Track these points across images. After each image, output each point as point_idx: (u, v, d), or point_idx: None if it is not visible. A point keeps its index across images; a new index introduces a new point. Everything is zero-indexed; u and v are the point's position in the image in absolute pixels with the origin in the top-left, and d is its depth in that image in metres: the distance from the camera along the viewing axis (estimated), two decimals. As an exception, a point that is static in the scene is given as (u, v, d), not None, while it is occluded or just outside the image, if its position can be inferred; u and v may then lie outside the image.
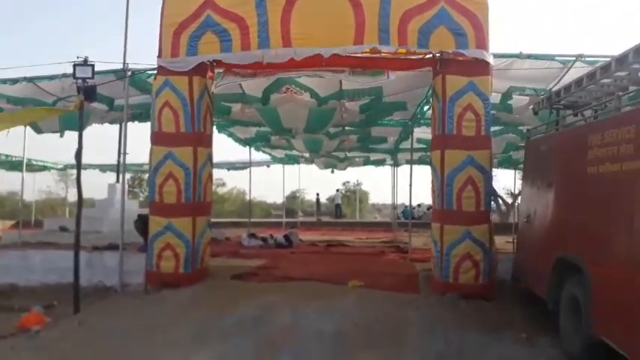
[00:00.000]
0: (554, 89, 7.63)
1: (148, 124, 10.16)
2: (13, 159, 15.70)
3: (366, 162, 19.10)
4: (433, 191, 7.42)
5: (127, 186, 9.58)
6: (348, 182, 36.40)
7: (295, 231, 14.61)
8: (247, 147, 15.41)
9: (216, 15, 7.20)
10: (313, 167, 20.41)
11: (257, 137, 13.66)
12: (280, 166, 19.66)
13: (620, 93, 5.03)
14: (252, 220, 16.96)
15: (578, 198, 5.13)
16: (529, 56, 7.58)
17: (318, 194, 29.47)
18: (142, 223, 8.72)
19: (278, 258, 10.51)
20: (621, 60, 5.02)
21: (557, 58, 7.56)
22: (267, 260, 10.04)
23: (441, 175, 6.99)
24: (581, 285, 4.74)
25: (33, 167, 18.01)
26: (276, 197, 33.80)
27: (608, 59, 5.47)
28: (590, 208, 4.84)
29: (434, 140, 7.49)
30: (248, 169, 17.33)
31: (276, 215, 28.62)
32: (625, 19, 62.92)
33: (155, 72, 7.62)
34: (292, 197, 29.58)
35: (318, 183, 40.78)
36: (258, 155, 17.42)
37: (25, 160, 12.12)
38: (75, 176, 7.30)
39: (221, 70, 8.07)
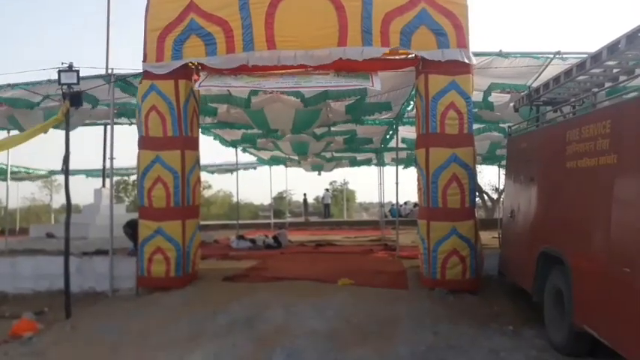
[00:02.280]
0: (533, 86, 7.80)
1: (130, 127, 10.21)
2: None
3: (353, 163, 19.21)
4: (419, 189, 7.54)
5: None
6: (335, 182, 36.52)
7: (284, 232, 14.65)
8: (234, 149, 15.42)
9: (200, 19, 7.25)
10: (300, 169, 20.44)
11: (243, 139, 13.69)
12: (266, 167, 19.67)
13: (596, 89, 5.20)
14: (240, 222, 16.96)
15: (558, 193, 5.27)
16: (509, 55, 7.73)
17: (305, 195, 29.58)
18: (130, 228, 8.75)
19: (268, 259, 10.58)
20: (596, 57, 5.18)
21: (535, 55, 7.71)
22: (258, 261, 10.10)
23: (426, 172, 7.13)
24: (564, 277, 4.88)
25: (16, 175, 17.83)
26: (263, 199, 33.83)
27: (584, 56, 5.63)
28: (570, 203, 4.98)
29: (418, 139, 7.62)
30: (234, 172, 17.30)
31: (264, 217, 28.63)
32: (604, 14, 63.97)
33: (140, 75, 7.64)
34: (279, 198, 29.59)
35: (304, 183, 40.93)
36: (244, 157, 17.44)
37: (9, 169, 12.06)
38: (58, 183, 7.26)
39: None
